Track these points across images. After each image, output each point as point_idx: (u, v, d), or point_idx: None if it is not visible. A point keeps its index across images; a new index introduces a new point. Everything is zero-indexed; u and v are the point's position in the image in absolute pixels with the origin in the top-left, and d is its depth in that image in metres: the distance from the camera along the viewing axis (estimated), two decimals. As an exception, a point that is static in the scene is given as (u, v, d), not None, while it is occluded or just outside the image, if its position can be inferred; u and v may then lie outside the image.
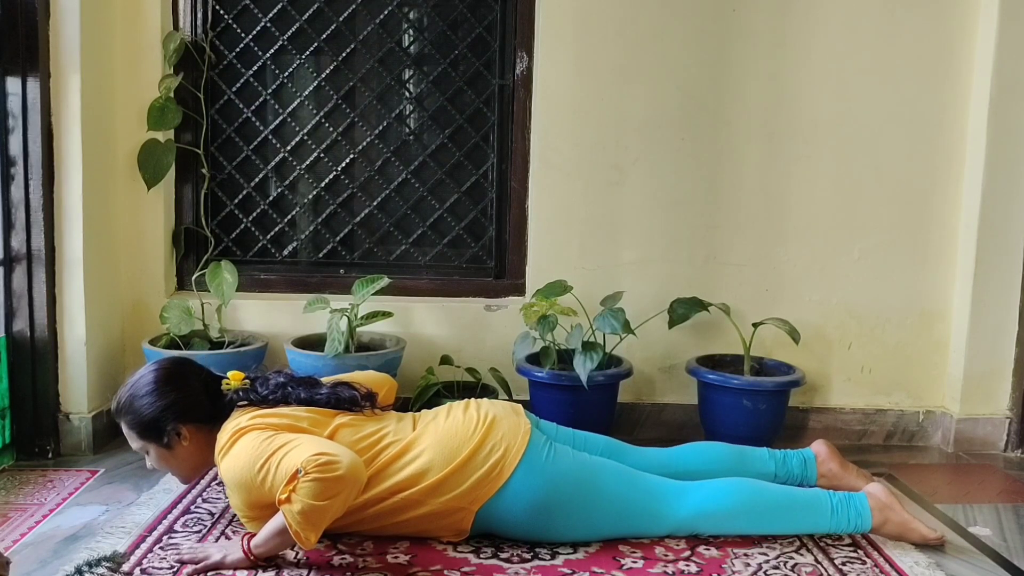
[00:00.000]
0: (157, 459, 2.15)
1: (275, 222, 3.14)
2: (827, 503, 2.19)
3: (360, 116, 3.10)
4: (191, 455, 2.13)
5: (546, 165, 3.00)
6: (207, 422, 2.11)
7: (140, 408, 2.10)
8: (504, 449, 2.07)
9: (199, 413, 2.12)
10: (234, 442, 2.00)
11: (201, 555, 1.96)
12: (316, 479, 1.82)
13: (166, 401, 2.09)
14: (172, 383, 2.12)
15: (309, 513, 1.83)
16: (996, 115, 2.89)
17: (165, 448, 2.12)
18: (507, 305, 3.05)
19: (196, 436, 2.11)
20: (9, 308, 2.62)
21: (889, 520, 2.18)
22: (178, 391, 2.11)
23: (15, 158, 2.58)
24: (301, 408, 2.12)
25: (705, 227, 3.04)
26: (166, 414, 2.09)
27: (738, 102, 2.99)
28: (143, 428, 2.11)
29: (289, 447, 1.91)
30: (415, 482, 2.04)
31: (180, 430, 2.10)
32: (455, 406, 2.21)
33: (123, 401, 2.13)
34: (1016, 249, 2.95)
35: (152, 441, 2.12)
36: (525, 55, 3.03)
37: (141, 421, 2.10)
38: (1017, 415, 3.00)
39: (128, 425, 2.13)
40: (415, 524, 2.08)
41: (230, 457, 1.99)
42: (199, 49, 2.99)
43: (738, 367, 2.93)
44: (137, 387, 2.12)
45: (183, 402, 2.11)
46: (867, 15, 2.95)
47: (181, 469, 2.18)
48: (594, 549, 2.10)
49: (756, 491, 2.20)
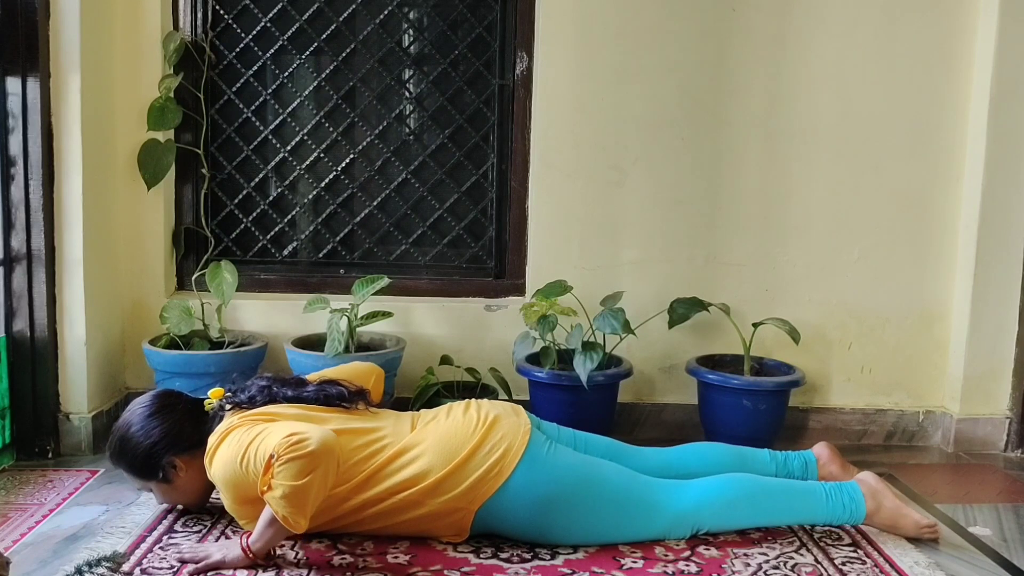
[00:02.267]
0: (161, 494, 2.20)
1: (275, 222, 3.14)
2: (821, 491, 2.24)
3: (360, 116, 3.10)
4: (191, 482, 2.15)
5: (546, 165, 3.01)
6: (198, 447, 2.12)
7: (131, 450, 2.13)
8: (504, 449, 2.07)
9: (188, 441, 2.13)
10: (220, 443, 2.02)
11: (202, 554, 1.96)
12: (289, 459, 1.82)
13: (153, 439, 2.12)
14: (155, 418, 2.14)
15: (291, 496, 1.82)
16: (996, 115, 2.89)
17: (165, 483, 2.15)
18: (507, 305, 3.05)
19: (191, 464, 2.13)
20: (9, 308, 2.62)
21: (882, 506, 2.22)
22: (162, 424, 2.13)
23: (15, 158, 2.58)
24: (291, 406, 2.12)
25: (705, 227, 3.04)
26: (156, 450, 2.11)
27: (738, 102, 2.99)
28: (139, 469, 2.15)
29: (264, 433, 1.92)
30: (414, 483, 2.03)
31: (174, 462, 2.13)
32: (455, 406, 2.21)
33: (115, 447, 2.16)
34: (1016, 249, 2.95)
35: (150, 479, 2.15)
36: (525, 55, 3.03)
37: (135, 463, 2.14)
38: (1017, 415, 3.00)
39: (125, 469, 2.18)
40: (415, 524, 2.08)
41: (217, 458, 2.01)
42: (199, 49, 2.99)
43: (738, 367, 2.93)
44: (124, 431, 2.15)
45: (170, 434, 2.13)
46: (867, 15, 2.95)
47: (187, 498, 2.21)
48: (594, 549, 2.10)
49: (752, 483, 2.23)
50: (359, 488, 2.03)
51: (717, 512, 2.17)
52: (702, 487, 2.19)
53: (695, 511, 2.15)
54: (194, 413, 2.18)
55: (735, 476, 2.23)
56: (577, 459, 2.14)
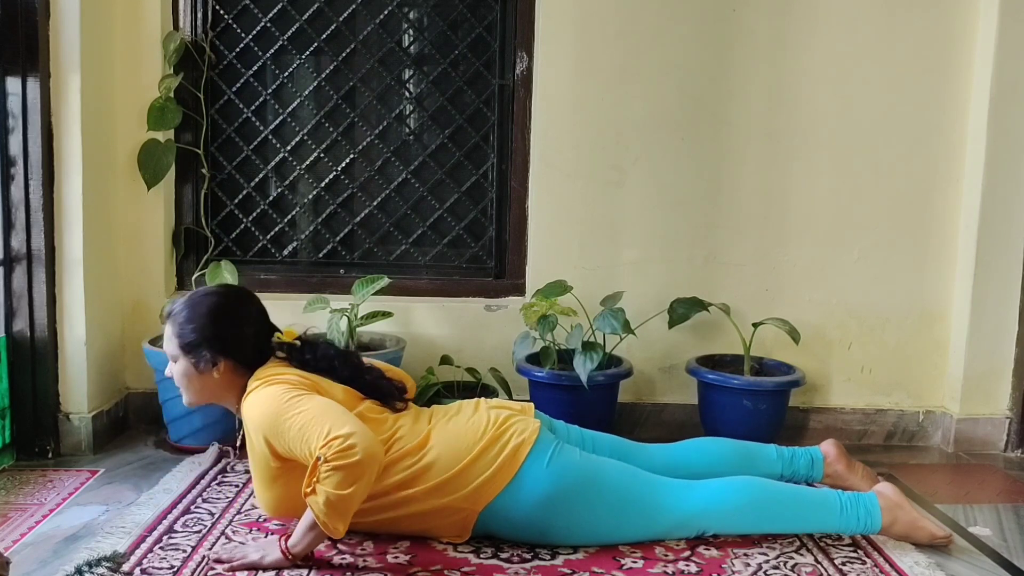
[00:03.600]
0: (180, 374, 2.12)
1: (275, 222, 3.14)
2: (836, 502, 2.16)
3: (360, 116, 3.10)
4: (214, 387, 2.12)
5: (546, 165, 3.00)
6: (244, 365, 2.10)
7: (190, 326, 2.08)
8: (510, 451, 2.06)
9: (241, 355, 2.10)
10: (262, 387, 1.99)
11: (238, 555, 1.96)
12: (336, 467, 1.81)
13: (216, 331, 2.08)
14: (229, 317, 2.11)
15: (336, 503, 1.83)
16: (996, 115, 2.89)
17: (194, 369, 2.10)
18: (507, 305, 3.05)
19: (228, 374, 2.10)
20: (9, 308, 2.62)
21: (898, 520, 2.16)
22: (231, 327, 2.10)
23: (15, 158, 2.58)
24: (338, 384, 2.12)
25: (705, 227, 3.04)
26: (211, 343, 2.08)
27: (738, 102, 2.99)
28: (184, 343, 2.09)
29: (305, 409, 1.91)
30: (420, 481, 2.03)
31: (217, 361, 2.08)
32: (466, 405, 2.20)
33: (176, 310, 2.11)
34: (1016, 249, 2.95)
35: (186, 357, 2.10)
36: (525, 55, 3.03)
37: (185, 336, 2.08)
38: (1017, 415, 3.00)
39: (172, 332, 2.11)
40: (417, 521, 2.08)
41: (254, 401, 1.98)
42: (199, 49, 2.99)
43: (738, 367, 2.93)
44: (196, 305, 2.11)
45: (232, 340, 2.10)
46: (867, 15, 2.95)
47: (196, 393, 2.14)
48: (594, 549, 2.10)
49: (763, 489, 2.18)
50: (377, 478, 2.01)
51: (724, 518, 2.14)
52: (710, 491, 2.15)
53: (701, 515, 2.13)
54: (262, 335, 2.15)
55: (744, 481, 2.19)
56: (583, 460, 2.12)
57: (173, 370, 2.14)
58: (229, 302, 2.15)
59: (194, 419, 2.73)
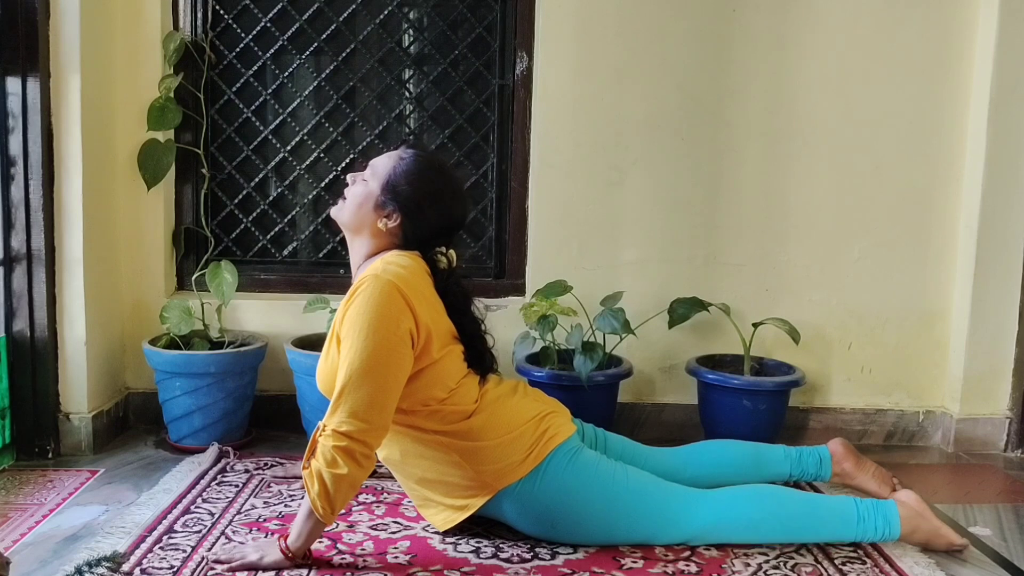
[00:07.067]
0: (361, 195, 2.08)
1: (275, 222, 3.14)
2: (853, 511, 2.11)
3: (360, 116, 3.10)
4: (371, 226, 2.08)
5: (546, 165, 3.01)
6: (406, 240, 2.07)
7: (409, 180, 2.06)
8: (544, 443, 2.06)
9: (413, 234, 2.07)
10: (385, 277, 1.95)
11: (237, 555, 1.96)
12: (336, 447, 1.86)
13: (419, 204, 2.06)
14: (440, 207, 2.08)
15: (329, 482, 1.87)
16: (996, 115, 2.89)
17: (375, 203, 2.06)
18: (507, 305, 3.05)
19: (388, 232, 2.07)
20: (9, 308, 2.62)
21: (919, 529, 2.12)
22: (434, 214, 2.08)
23: (15, 158, 2.58)
24: (445, 315, 2.08)
25: (705, 227, 3.04)
26: (408, 205, 2.05)
27: (738, 102, 2.99)
28: (390, 184, 2.06)
29: (369, 366, 1.89)
30: (458, 436, 2.03)
31: (396, 217, 2.06)
32: (519, 387, 2.21)
33: (409, 158, 2.08)
34: (1016, 249, 2.95)
35: (381, 193, 2.06)
36: (525, 55, 3.03)
37: (398, 184, 2.06)
38: (1017, 415, 3.00)
39: (389, 167, 2.08)
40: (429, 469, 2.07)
41: (370, 289, 1.93)
42: (199, 49, 2.99)
43: (738, 367, 2.93)
44: (431, 166, 2.10)
45: (422, 221, 2.07)
46: (867, 15, 2.95)
47: (352, 215, 2.09)
48: (594, 549, 2.10)
49: (777, 500, 2.14)
50: (416, 414, 2.03)
51: (739, 531, 2.10)
52: (723, 503, 2.11)
53: (714, 528, 2.10)
54: (442, 238, 2.14)
55: (758, 491, 2.16)
56: (605, 463, 2.11)
57: (355, 185, 2.11)
58: (448, 197, 2.11)
59: (194, 419, 2.74)
